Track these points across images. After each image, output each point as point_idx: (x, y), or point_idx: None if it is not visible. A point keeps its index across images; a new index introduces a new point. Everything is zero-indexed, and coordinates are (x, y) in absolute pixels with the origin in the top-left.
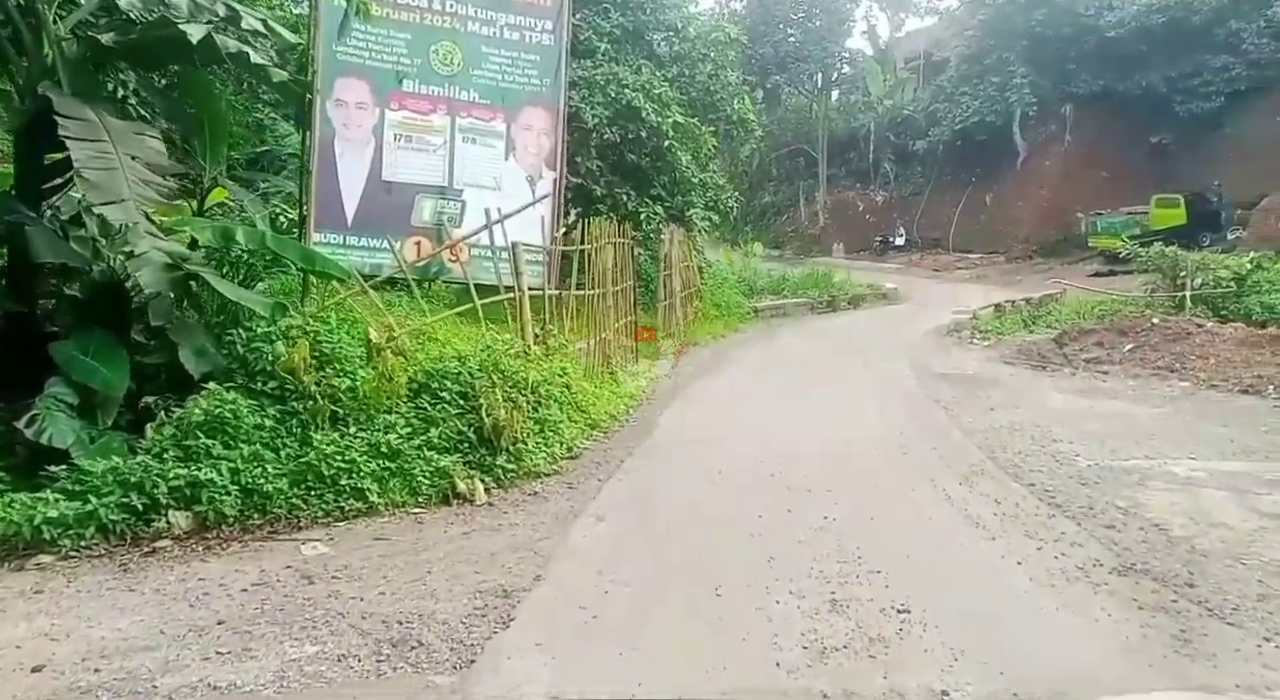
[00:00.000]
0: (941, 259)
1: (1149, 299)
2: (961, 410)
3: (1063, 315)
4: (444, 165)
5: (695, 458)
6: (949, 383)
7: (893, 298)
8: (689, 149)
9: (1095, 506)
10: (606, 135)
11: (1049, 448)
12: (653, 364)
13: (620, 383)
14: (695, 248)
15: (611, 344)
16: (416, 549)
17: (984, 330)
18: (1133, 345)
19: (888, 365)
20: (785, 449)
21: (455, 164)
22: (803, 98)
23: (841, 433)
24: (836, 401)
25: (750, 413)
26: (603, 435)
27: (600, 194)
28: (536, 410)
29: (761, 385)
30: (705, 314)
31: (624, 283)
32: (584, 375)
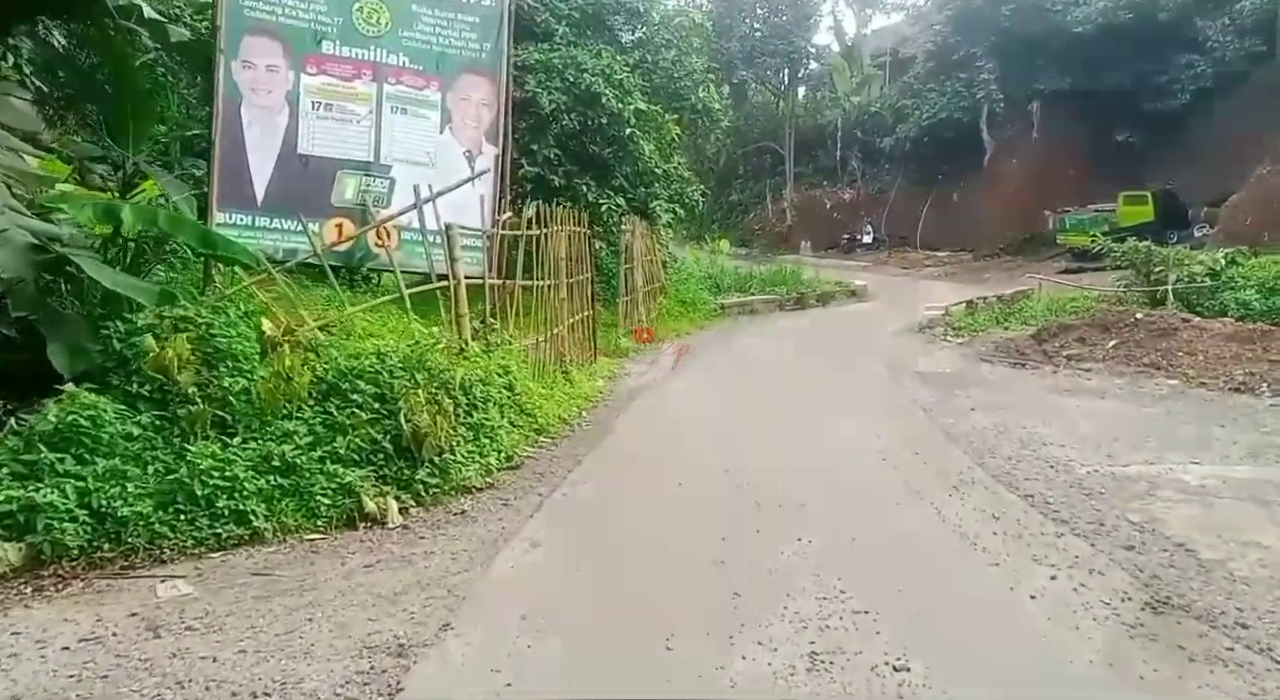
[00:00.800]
0: (909, 257)
1: (1122, 295)
2: (942, 412)
3: (1036, 312)
4: (369, 138)
5: (652, 468)
6: (927, 382)
7: (862, 295)
8: (652, 138)
9: (1105, 522)
10: (565, 122)
11: (1040, 453)
12: (614, 362)
13: (575, 383)
14: (659, 242)
15: (566, 341)
16: (302, 587)
17: (958, 327)
18: (1116, 341)
19: (861, 364)
20: (754, 458)
21: (382, 137)
22: (769, 94)
23: (815, 438)
24: (809, 403)
25: (716, 416)
26: (550, 442)
27: (559, 184)
28: (470, 414)
29: (728, 386)
30: (670, 310)
31: (580, 275)
32: (532, 374)
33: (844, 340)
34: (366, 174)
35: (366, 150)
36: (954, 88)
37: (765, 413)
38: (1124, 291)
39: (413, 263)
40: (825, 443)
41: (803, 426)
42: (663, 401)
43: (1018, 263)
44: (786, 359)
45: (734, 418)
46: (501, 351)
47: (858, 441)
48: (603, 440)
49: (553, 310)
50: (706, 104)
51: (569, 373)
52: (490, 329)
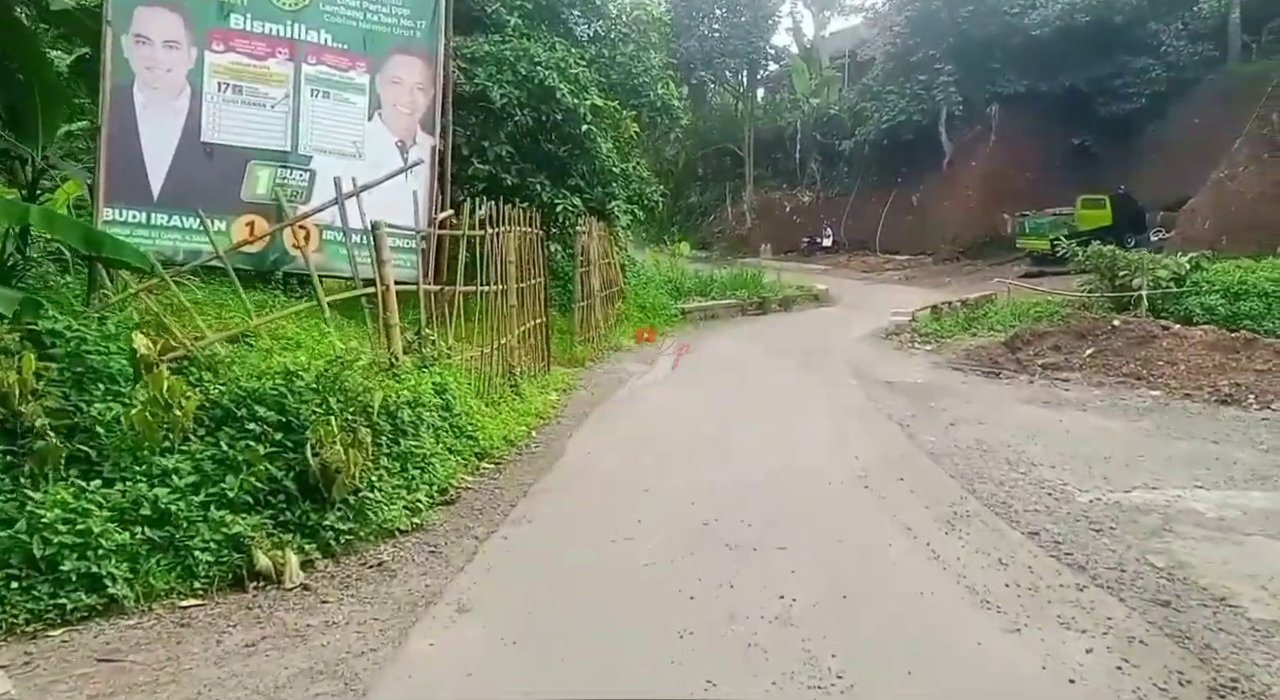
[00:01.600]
0: (869, 260)
1: (1087, 300)
2: (920, 427)
3: (1003, 317)
4: (286, 125)
5: (608, 500)
6: (899, 393)
7: (824, 299)
8: (610, 136)
9: (1126, 567)
10: (518, 117)
11: (1032, 475)
12: (570, 373)
13: (526, 397)
14: (618, 244)
15: (516, 351)
16: (157, 681)
17: (924, 333)
18: (1093, 350)
19: (830, 373)
20: (722, 485)
21: (301, 124)
22: (728, 96)
23: (789, 460)
24: (778, 419)
25: (678, 435)
26: (493, 468)
27: (511, 183)
28: (397, 442)
29: (691, 399)
30: (629, 316)
31: (532, 279)
32: (476, 390)
33: (811, 347)
34: (282, 166)
35: (282, 139)
36: (913, 90)
37: (732, 429)
38: (1088, 297)
39: (335, 266)
40: (799, 465)
41: (774, 445)
42: (621, 417)
43: (977, 267)
44: (752, 368)
45: (698, 435)
46: (439, 366)
47: (835, 463)
48: (553, 465)
49: (501, 318)
50: (666, 101)
51: (519, 386)
52: (426, 341)
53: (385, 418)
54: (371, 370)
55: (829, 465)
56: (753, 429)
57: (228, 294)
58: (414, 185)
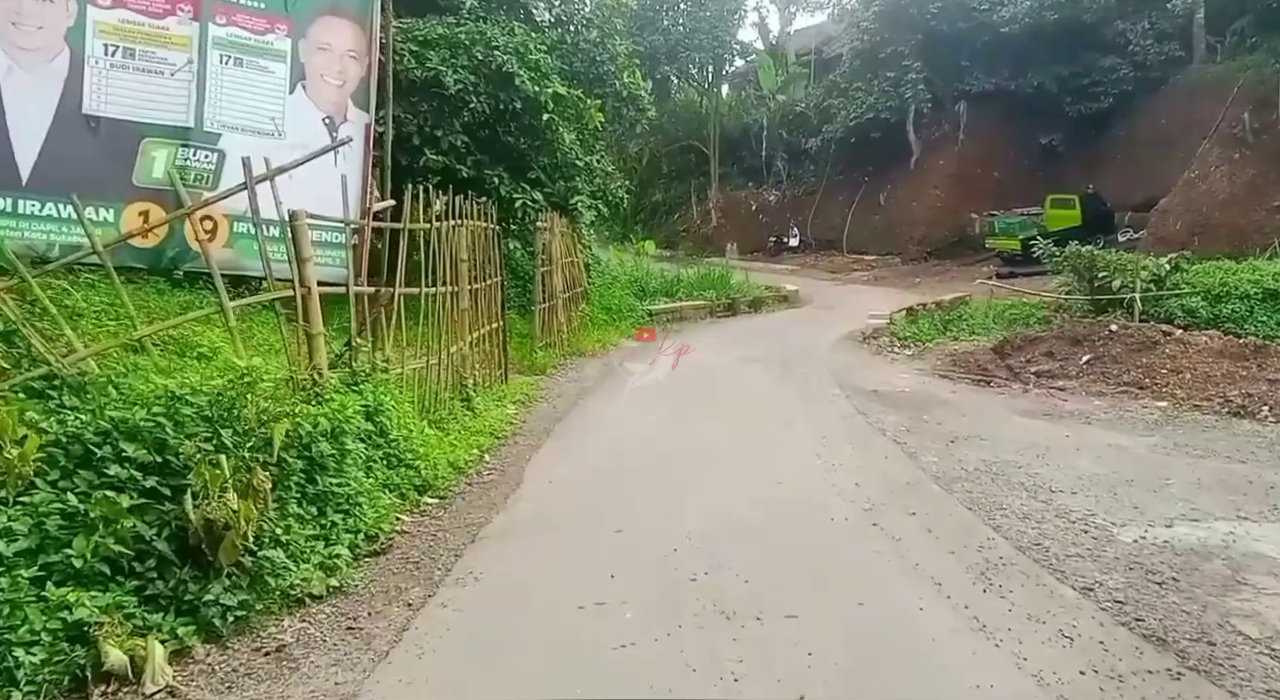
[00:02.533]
0: (837, 260)
1: (1064, 301)
2: (918, 444)
3: (982, 321)
4: (189, 96)
5: (573, 547)
6: (888, 405)
7: (794, 301)
8: (573, 127)
9: (1215, 639)
10: (474, 105)
11: (1055, 504)
12: (530, 382)
13: (479, 413)
14: (581, 242)
15: (469, 359)
16: None
17: (903, 337)
18: (1090, 356)
19: (811, 381)
20: (707, 524)
21: (208, 95)
22: (693, 92)
23: (781, 489)
24: (763, 435)
25: (652, 457)
26: (438, 504)
27: (467, 175)
28: (314, 480)
29: (664, 412)
30: (593, 319)
31: (488, 279)
32: (419, 408)
33: (787, 352)
34: (184, 145)
35: (185, 112)
36: (881, 87)
37: (711, 449)
38: (1065, 298)
39: (247, 264)
40: (794, 494)
41: (762, 469)
42: (587, 435)
43: (946, 267)
44: (728, 376)
45: (676, 458)
46: (374, 382)
47: (834, 492)
48: (508, 499)
49: (452, 323)
50: (632, 91)
51: (471, 400)
52: (358, 352)
53: (297, 452)
54: (286, 391)
55: (828, 495)
56: (736, 449)
57: (145, 296)
58: (344, 169)
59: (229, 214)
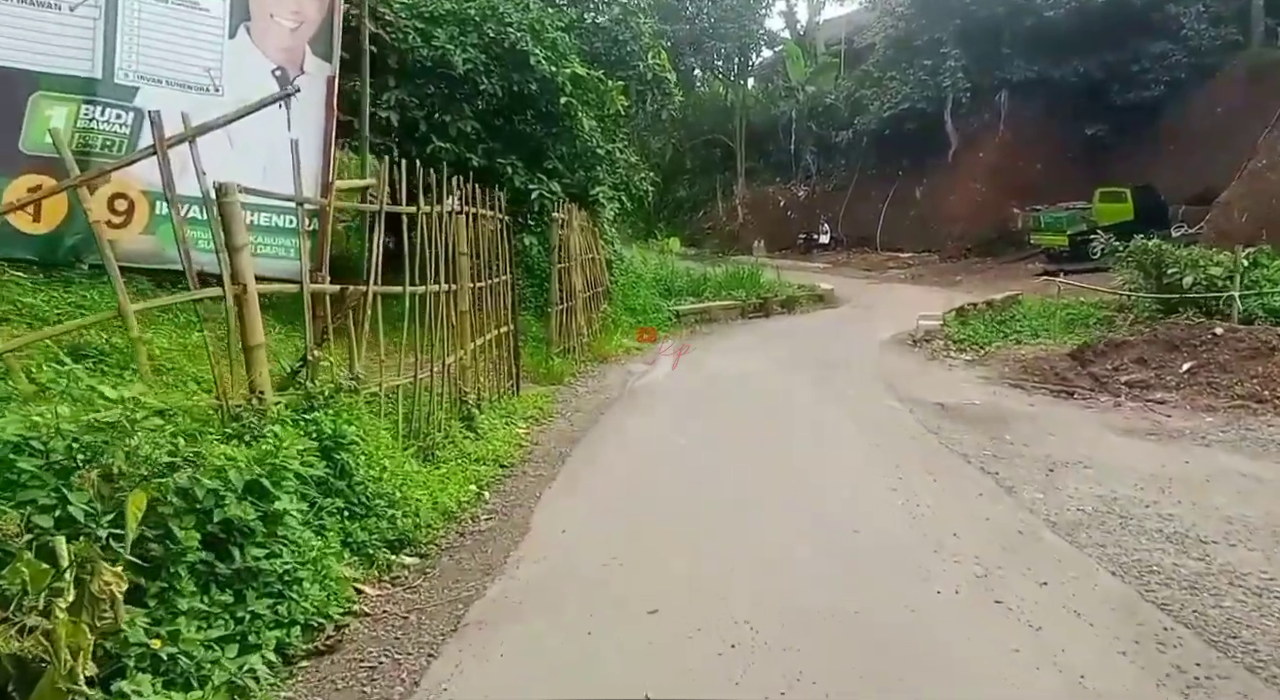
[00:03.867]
0: (870, 258)
1: (1127, 301)
2: (1011, 474)
3: (1044, 322)
4: (95, 39)
5: (588, 645)
6: (960, 421)
7: (830, 300)
8: (593, 112)
9: None
10: (485, 87)
11: (1216, 563)
12: (545, 394)
13: (483, 434)
14: (603, 237)
15: (471, 371)
16: None
17: (958, 340)
18: (1192, 364)
19: (864, 392)
20: (768, 602)
21: (120, 38)
22: (719, 84)
23: (857, 543)
24: (821, 463)
25: (688, 494)
26: (416, 566)
27: (478, 164)
28: (228, 556)
29: (698, 432)
30: (616, 320)
31: (495, 277)
32: (403, 434)
33: (830, 357)
34: (89, 101)
35: (89, 60)
36: (917, 76)
37: (761, 482)
38: (1131, 296)
39: (172, 255)
40: (876, 551)
41: (826, 512)
42: (608, 462)
43: (987, 264)
44: (767, 386)
45: (715, 493)
46: (336, 407)
47: (927, 546)
48: (508, 559)
49: (449, 328)
50: (657, 73)
51: (473, 419)
52: (315, 368)
53: (196, 521)
54: (206, 426)
55: (922, 551)
56: (791, 481)
57: (52, 291)
58: (297, 132)
59: (148, 191)
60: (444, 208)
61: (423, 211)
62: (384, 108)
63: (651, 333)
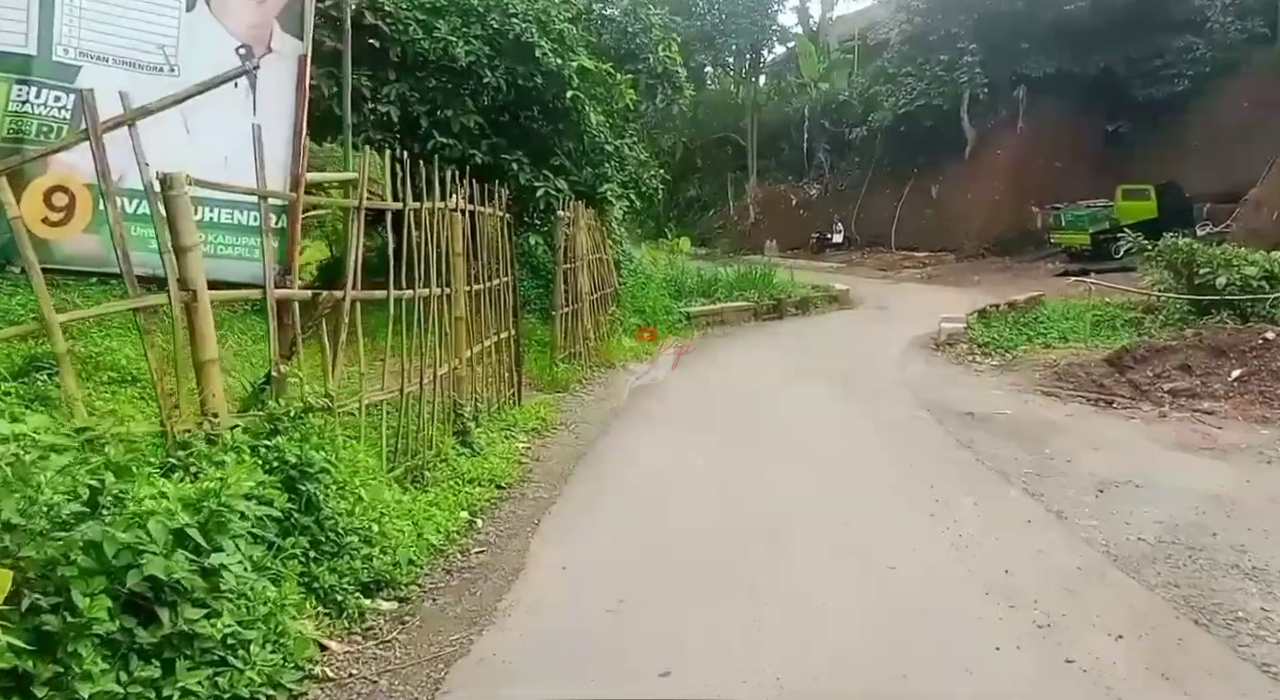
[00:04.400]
0: (885, 257)
1: (1156, 302)
2: (1059, 496)
3: (1073, 325)
4: (29, 10)
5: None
6: (994, 433)
7: (845, 301)
8: (601, 107)
9: None
10: (488, 80)
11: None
12: (549, 402)
13: (480, 451)
14: (611, 237)
15: (467, 381)
16: None
17: (984, 344)
18: (1241, 371)
19: (888, 401)
20: (799, 666)
21: (59, 9)
22: (730, 81)
23: (898, 586)
24: (848, 484)
25: (703, 523)
26: (393, 612)
27: (482, 161)
28: (154, 621)
29: (712, 448)
30: (624, 323)
31: (495, 278)
32: (390, 455)
33: (849, 362)
34: (23, 81)
35: (22, 34)
36: (933, 72)
37: (784, 508)
38: (1160, 297)
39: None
40: (919, 594)
41: (859, 545)
42: (615, 482)
43: (1006, 264)
44: (785, 395)
45: (734, 522)
46: (303, 430)
47: (977, 588)
48: (499, 601)
49: (441, 336)
50: (668, 66)
51: (469, 433)
52: (282, 385)
53: (106, 582)
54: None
55: (971, 595)
56: (817, 506)
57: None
58: (261, 116)
59: (94, 185)
60: (435, 204)
61: (409, 208)
62: (384, 102)
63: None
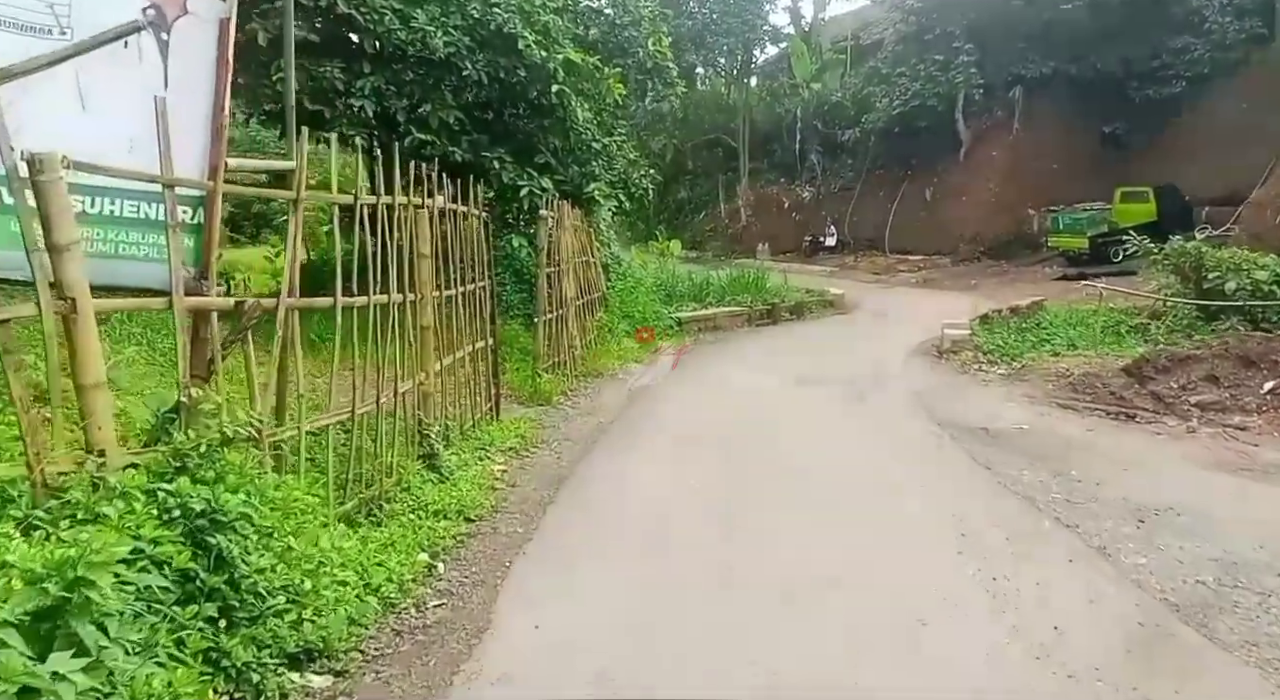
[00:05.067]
0: (879, 261)
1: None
2: (1096, 527)
3: (1083, 332)
4: None
5: None
6: (1012, 451)
7: (840, 306)
8: (589, 103)
9: None
10: (468, 72)
11: None
12: (530, 417)
13: (449, 476)
14: (599, 239)
15: (437, 398)
16: None
17: (989, 351)
18: (1275, 383)
19: (897, 415)
20: None
21: None
22: (721, 82)
23: (932, 648)
24: (863, 517)
25: (701, 568)
26: (324, 691)
27: (462, 158)
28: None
29: (709, 472)
30: (612, 329)
31: (470, 283)
32: (340, 488)
33: (852, 372)
34: None
35: None
36: (928, 71)
37: (790, 547)
38: (1164, 303)
39: None
40: (957, 661)
41: (881, 596)
42: (599, 515)
43: (1002, 267)
44: (786, 409)
45: (736, 566)
46: (224, 467)
47: (1026, 651)
48: (454, 676)
49: (404, 347)
50: (658, 61)
51: (437, 456)
52: (195, 412)
53: None
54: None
55: (1017, 658)
56: (829, 545)
57: None
58: (179, 93)
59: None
60: (396, 199)
61: (363, 202)
62: (359, 96)
63: (650, 339)
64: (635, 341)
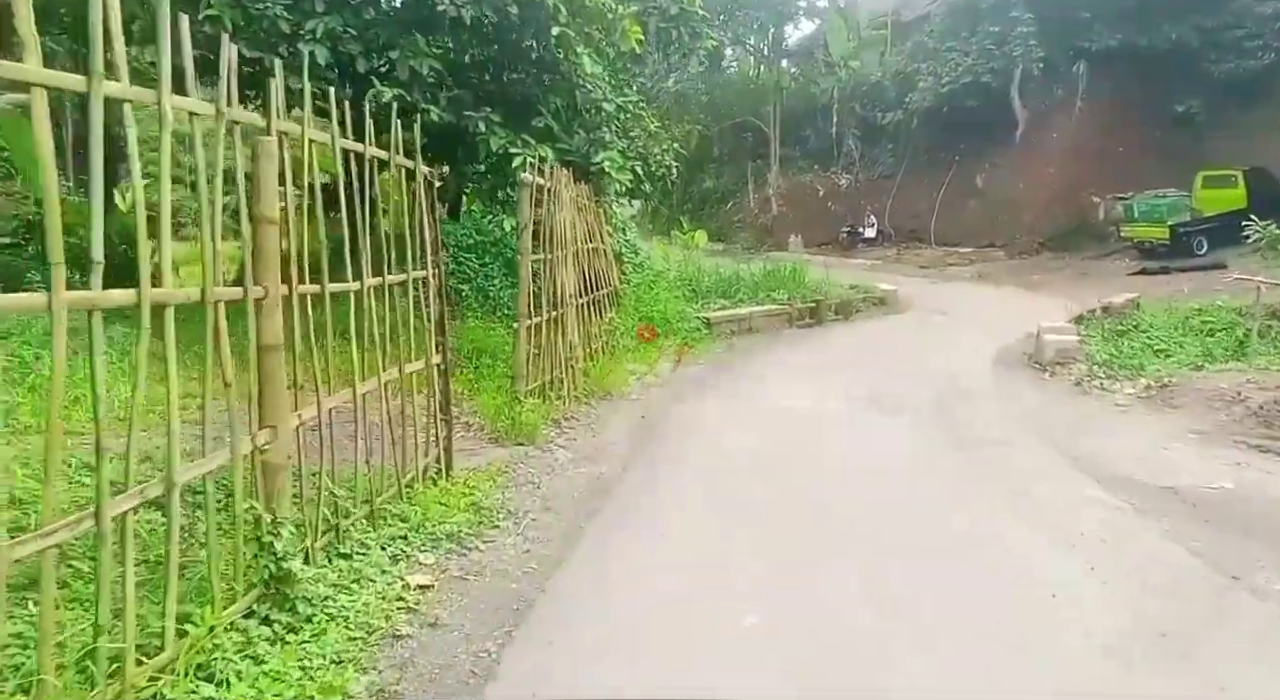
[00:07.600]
0: (924, 253)
1: None
2: None
3: (1203, 338)
4: None
5: None
6: (1235, 531)
7: (893, 304)
8: (599, 55)
9: None
10: (444, 8)
11: None
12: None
13: (302, 623)
14: (610, 222)
15: (289, 467)
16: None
17: (1102, 362)
18: None
19: (1021, 460)
20: None
21: None
22: (750, 62)
23: None
24: None
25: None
26: None
27: (440, 118)
28: None
29: (764, 557)
30: (628, 333)
31: (394, 273)
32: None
33: (928, 389)
34: None
35: None
36: (981, 45)
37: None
38: None
39: None
40: None
41: None
42: (606, 640)
43: (1064, 260)
44: (852, 444)
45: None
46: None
47: None
48: None
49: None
50: (684, 6)
51: (287, 582)
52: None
53: None
54: None
55: None
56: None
57: None
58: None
59: None
60: (163, 94)
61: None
62: (309, 41)
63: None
64: (640, 341)
